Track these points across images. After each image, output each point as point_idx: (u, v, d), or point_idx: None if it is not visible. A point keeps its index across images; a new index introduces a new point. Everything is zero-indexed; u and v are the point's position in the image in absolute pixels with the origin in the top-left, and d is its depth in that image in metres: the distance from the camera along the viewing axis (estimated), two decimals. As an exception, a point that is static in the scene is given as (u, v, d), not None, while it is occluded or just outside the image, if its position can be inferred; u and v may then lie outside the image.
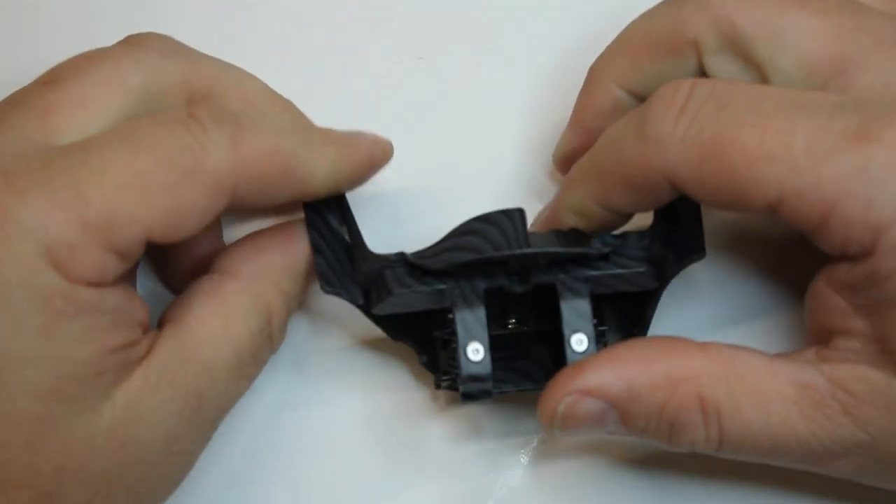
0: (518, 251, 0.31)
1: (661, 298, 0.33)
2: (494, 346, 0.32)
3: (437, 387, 0.33)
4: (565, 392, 0.30)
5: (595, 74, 0.35)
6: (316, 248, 0.32)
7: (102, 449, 0.28)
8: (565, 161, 0.36)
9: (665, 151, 0.29)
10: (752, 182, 0.28)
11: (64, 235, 0.27)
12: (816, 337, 0.30)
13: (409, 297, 0.32)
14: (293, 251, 0.32)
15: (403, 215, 0.38)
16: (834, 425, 0.29)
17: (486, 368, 0.31)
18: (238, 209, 0.32)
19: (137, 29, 0.34)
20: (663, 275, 0.32)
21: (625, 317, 0.34)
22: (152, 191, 0.28)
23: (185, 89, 0.33)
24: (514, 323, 0.34)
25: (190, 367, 0.29)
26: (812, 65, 0.30)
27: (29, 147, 0.29)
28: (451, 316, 0.31)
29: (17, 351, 0.27)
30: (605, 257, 0.32)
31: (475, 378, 0.31)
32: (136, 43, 0.33)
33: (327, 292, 0.32)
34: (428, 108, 0.40)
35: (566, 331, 0.31)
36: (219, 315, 0.31)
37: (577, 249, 0.32)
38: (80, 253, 0.27)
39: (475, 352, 0.31)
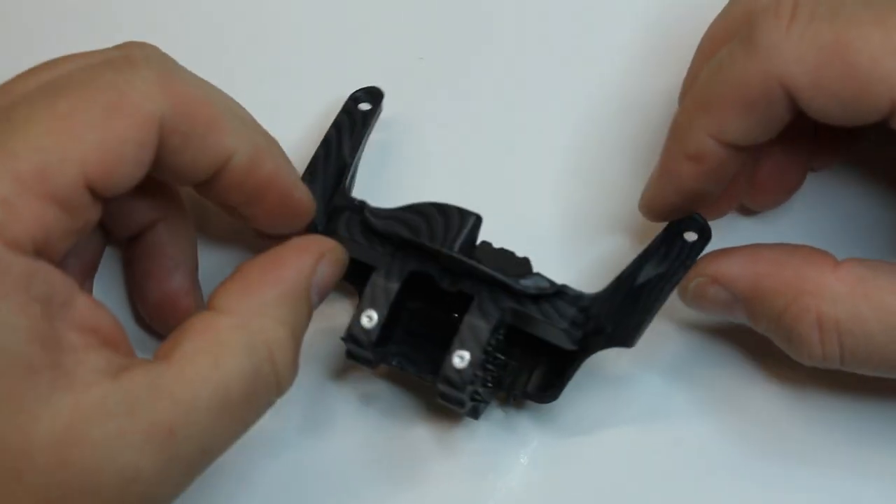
0: (444, 251, 0.32)
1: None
2: (421, 327, 0.33)
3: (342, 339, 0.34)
4: (697, 273, 0.32)
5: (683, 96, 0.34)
6: (325, 147, 0.35)
7: (41, 462, 0.26)
8: (657, 207, 0.34)
9: (781, 58, 0.29)
10: (877, 81, 0.28)
11: None
12: None
13: (348, 244, 0.33)
14: (286, 277, 0.31)
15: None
16: None
17: (371, 337, 0.32)
18: (166, 170, 0.30)
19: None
20: (585, 344, 0.32)
21: (550, 369, 0.34)
22: (78, 130, 0.27)
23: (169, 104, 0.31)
24: (445, 312, 0.34)
25: (161, 401, 0.27)
26: None
27: None
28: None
29: None
30: (533, 298, 0.32)
31: (356, 340, 0.32)
32: (120, 48, 0.31)
33: None
34: (428, 108, 0.40)
35: (455, 343, 0.32)
36: (208, 353, 0.28)
37: (500, 276, 0.32)
38: (16, 209, 0.26)
39: (368, 318, 0.32)
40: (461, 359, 0.31)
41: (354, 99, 0.37)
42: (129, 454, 0.26)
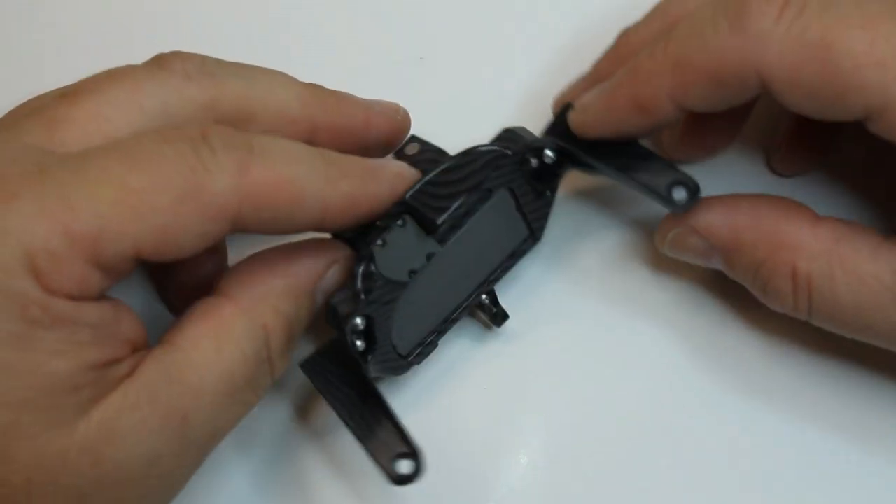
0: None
1: None
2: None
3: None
4: (676, 223, 0.32)
5: (625, 44, 0.34)
6: None
7: (76, 464, 0.27)
8: (581, 128, 0.34)
9: (765, 47, 0.28)
10: (855, 88, 0.27)
11: (47, 243, 0.26)
12: None
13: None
14: (294, 272, 0.31)
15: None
16: None
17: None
18: (246, 232, 0.30)
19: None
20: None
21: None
22: (145, 209, 0.27)
23: (211, 114, 0.31)
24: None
25: (174, 387, 0.28)
26: None
27: (30, 154, 0.28)
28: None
29: None
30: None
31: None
32: (161, 64, 0.31)
33: None
34: (428, 108, 0.40)
35: None
36: (212, 338, 0.29)
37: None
38: (62, 263, 0.26)
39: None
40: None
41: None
42: (151, 441, 0.28)
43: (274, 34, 0.42)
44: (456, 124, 0.40)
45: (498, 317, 0.35)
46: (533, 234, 0.35)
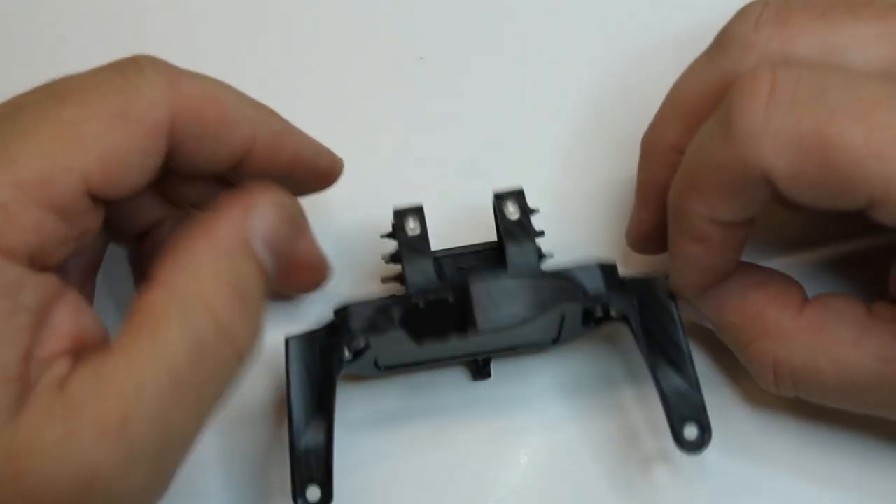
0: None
1: None
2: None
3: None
4: (671, 285, 0.33)
5: (651, 144, 0.33)
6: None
7: (2, 472, 0.25)
8: (641, 240, 0.35)
9: (760, 147, 0.27)
10: (857, 181, 0.27)
11: None
12: None
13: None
14: (215, 232, 0.28)
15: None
16: None
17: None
18: (184, 166, 0.30)
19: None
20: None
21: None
22: (84, 137, 0.27)
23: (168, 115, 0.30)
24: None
25: (107, 392, 0.25)
26: (885, 68, 0.29)
27: None
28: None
29: None
30: None
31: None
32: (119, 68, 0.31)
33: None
34: (428, 108, 0.40)
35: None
36: (145, 332, 0.26)
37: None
38: (15, 215, 0.26)
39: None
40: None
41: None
42: (83, 454, 0.25)
43: (274, 34, 0.42)
44: (456, 124, 0.40)
45: (481, 374, 0.35)
46: (557, 340, 0.35)
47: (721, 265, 0.31)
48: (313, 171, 0.33)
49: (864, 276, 0.36)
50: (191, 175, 0.31)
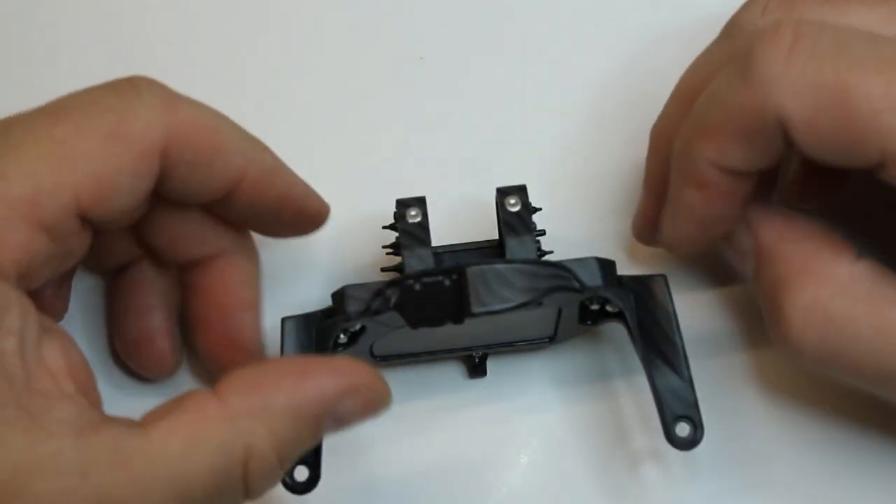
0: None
1: None
2: None
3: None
4: None
5: (660, 134, 0.33)
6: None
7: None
8: (647, 230, 0.34)
9: (779, 91, 0.27)
10: (873, 133, 0.27)
11: None
12: None
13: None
14: (302, 391, 0.27)
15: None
16: None
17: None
18: (173, 193, 0.30)
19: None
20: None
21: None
22: (75, 157, 0.27)
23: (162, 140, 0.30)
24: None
25: (118, 472, 0.24)
26: None
27: None
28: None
29: None
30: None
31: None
32: (117, 88, 0.30)
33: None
34: (428, 107, 0.40)
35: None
36: (181, 435, 0.25)
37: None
38: (3, 233, 0.25)
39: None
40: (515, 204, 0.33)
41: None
42: None
43: (274, 34, 0.42)
44: (456, 124, 0.40)
45: (477, 372, 0.35)
46: (553, 338, 0.35)
47: (718, 220, 0.31)
48: (300, 212, 0.32)
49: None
50: (179, 202, 0.31)
